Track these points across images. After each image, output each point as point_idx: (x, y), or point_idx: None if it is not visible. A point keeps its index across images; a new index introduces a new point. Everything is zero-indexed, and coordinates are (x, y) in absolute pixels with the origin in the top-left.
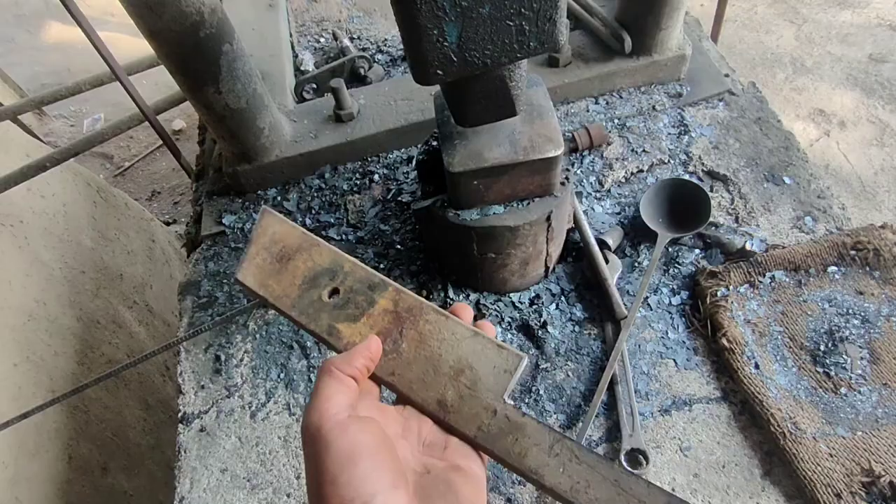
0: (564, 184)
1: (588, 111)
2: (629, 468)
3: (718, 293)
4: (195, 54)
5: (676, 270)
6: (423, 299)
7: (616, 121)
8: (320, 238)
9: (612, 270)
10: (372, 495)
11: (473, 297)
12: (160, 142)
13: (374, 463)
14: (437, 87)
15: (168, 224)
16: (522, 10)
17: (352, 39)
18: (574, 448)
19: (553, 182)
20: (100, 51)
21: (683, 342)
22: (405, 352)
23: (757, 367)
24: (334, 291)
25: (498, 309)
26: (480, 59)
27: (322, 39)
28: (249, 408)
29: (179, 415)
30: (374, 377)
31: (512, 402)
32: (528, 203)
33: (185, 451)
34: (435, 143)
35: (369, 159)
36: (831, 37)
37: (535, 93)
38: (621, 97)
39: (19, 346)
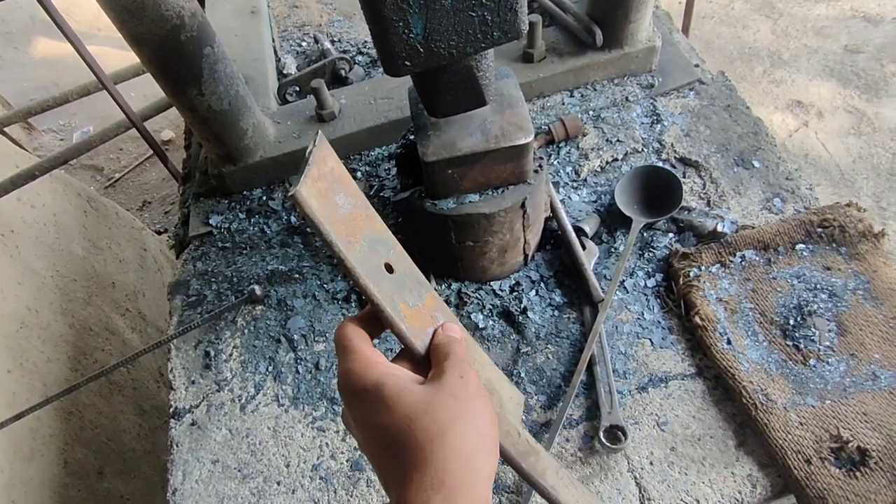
0: (538, 171)
1: (563, 104)
2: (609, 444)
3: (691, 274)
4: (177, 57)
5: (651, 254)
6: (452, 312)
7: (591, 112)
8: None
9: (589, 256)
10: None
11: (455, 286)
12: (150, 152)
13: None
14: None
15: (160, 233)
16: (484, 0)
17: (333, 42)
18: (569, 475)
19: (526, 169)
20: (84, 58)
21: (659, 322)
22: None
23: (729, 342)
24: (388, 268)
25: (479, 297)
26: (446, 50)
27: (304, 43)
28: (239, 401)
29: (171, 410)
30: None
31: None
32: (503, 191)
33: (177, 445)
34: (412, 137)
35: (351, 157)
36: (807, 30)
37: (506, 84)
38: (595, 89)
39: (12, 353)
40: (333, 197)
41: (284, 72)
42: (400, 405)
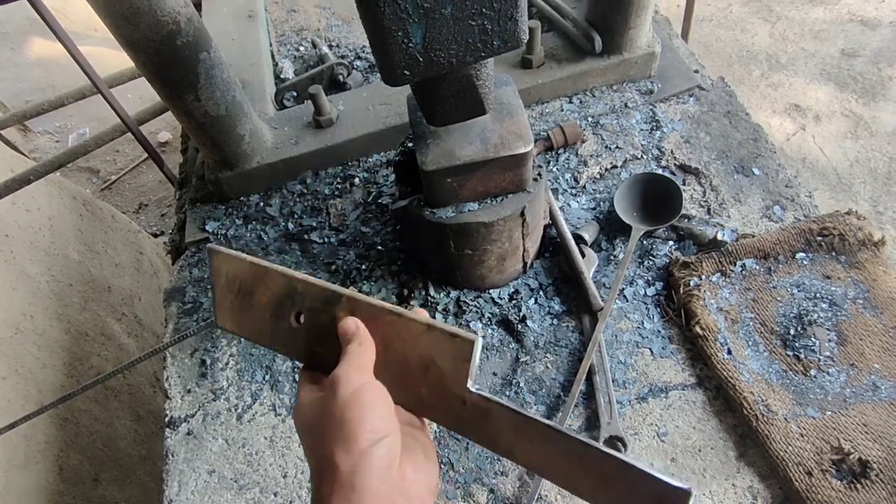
0: (537, 179)
1: (562, 110)
2: None
3: (691, 283)
4: (173, 63)
5: (651, 262)
6: (374, 301)
7: (590, 119)
8: (271, 261)
9: (588, 264)
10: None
11: (454, 294)
12: (146, 155)
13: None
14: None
15: (156, 236)
16: (484, 10)
17: (331, 47)
18: (536, 425)
19: (525, 178)
20: (78, 61)
21: (659, 331)
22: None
23: (730, 352)
24: (298, 315)
25: (478, 305)
26: (446, 59)
27: (302, 48)
28: (235, 410)
29: (166, 419)
30: None
31: (476, 388)
32: (502, 199)
33: (172, 455)
34: (410, 144)
35: (350, 163)
36: (804, 33)
37: (505, 92)
38: (594, 96)
39: (7, 360)
40: (234, 299)
41: (282, 77)
42: (299, 424)
